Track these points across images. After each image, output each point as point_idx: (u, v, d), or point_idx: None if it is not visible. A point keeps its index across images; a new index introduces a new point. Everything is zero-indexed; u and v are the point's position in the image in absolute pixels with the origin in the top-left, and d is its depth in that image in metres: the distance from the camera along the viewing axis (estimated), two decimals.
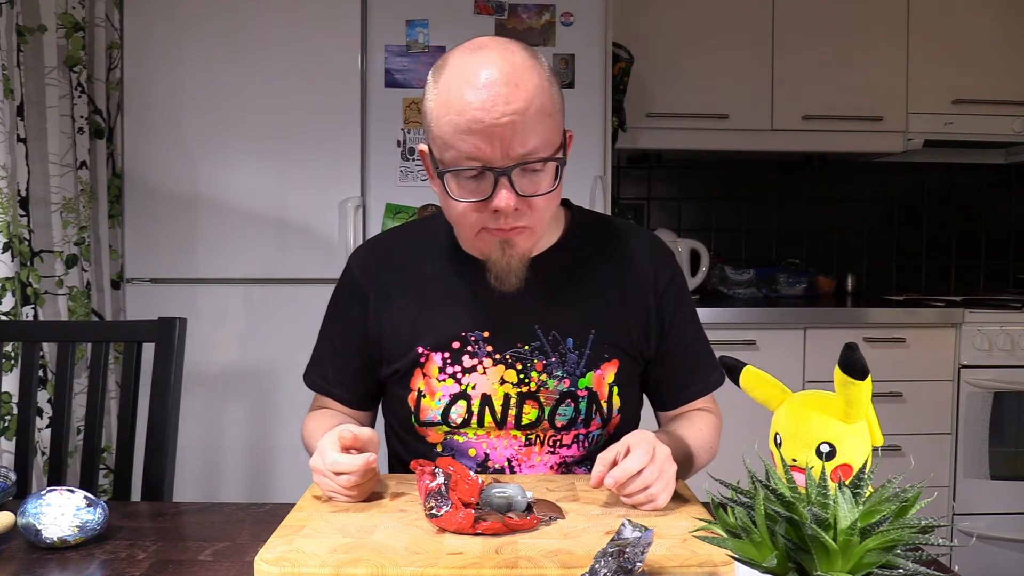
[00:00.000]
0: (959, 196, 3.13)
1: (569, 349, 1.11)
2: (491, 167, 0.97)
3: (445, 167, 1.00)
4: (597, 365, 1.12)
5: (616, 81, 2.47)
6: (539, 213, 1.03)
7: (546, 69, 1.00)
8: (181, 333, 1.39)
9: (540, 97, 0.97)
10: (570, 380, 1.11)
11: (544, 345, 1.11)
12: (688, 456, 1.13)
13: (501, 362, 1.11)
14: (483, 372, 1.11)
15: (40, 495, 0.89)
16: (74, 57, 2.02)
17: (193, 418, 2.18)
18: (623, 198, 3.05)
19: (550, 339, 1.11)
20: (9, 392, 1.69)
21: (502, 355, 1.11)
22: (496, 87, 0.95)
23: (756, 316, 2.48)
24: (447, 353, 1.12)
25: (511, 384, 1.11)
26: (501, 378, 1.11)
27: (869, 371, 0.71)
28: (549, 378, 1.11)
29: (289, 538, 0.83)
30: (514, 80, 0.95)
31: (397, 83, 2.27)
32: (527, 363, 1.10)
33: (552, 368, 1.11)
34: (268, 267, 2.26)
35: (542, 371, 1.11)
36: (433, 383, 1.12)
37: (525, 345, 1.11)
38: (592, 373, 1.12)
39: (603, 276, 1.15)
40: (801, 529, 0.56)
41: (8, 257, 1.71)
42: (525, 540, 0.82)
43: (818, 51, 2.71)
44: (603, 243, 1.17)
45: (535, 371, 1.10)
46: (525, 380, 1.11)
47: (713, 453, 1.21)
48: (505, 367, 1.11)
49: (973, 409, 2.48)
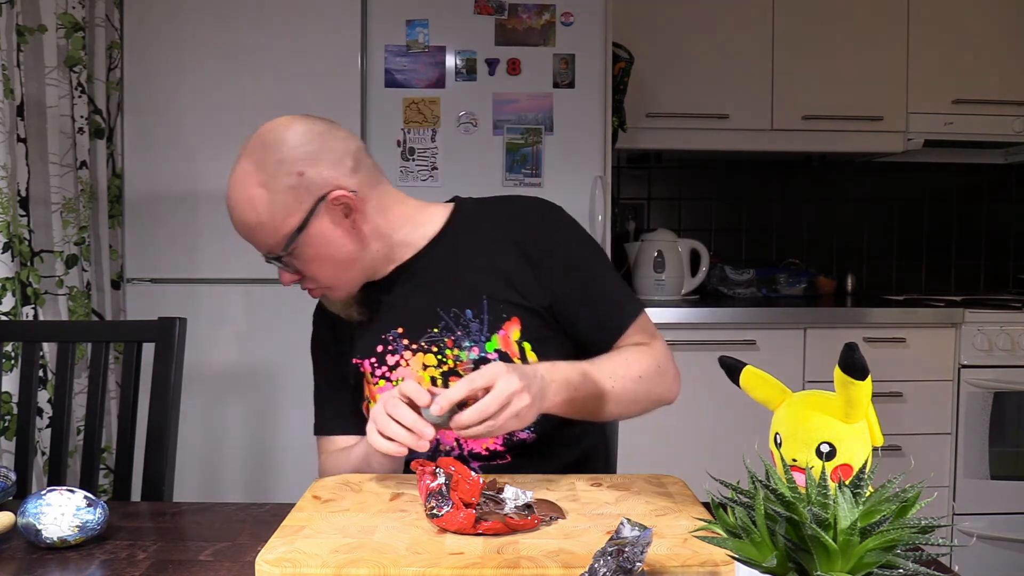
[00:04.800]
0: (959, 196, 3.13)
1: (469, 319, 1.18)
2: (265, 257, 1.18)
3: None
4: (498, 327, 1.17)
5: (616, 81, 2.47)
6: (312, 278, 1.18)
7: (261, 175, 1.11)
8: (181, 333, 1.39)
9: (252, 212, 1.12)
10: (478, 347, 1.17)
11: (448, 323, 1.18)
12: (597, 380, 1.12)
13: (419, 350, 1.19)
14: (406, 364, 1.20)
15: (40, 495, 0.89)
16: (74, 57, 2.02)
17: (193, 418, 2.18)
18: (623, 198, 3.06)
19: (451, 315, 1.18)
20: (9, 392, 1.69)
21: (417, 343, 1.19)
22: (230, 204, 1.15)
23: (756, 316, 2.48)
24: (373, 358, 1.22)
25: (433, 367, 1.19)
26: (423, 364, 1.19)
27: (869, 371, 0.71)
28: (460, 351, 1.18)
29: (290, 538, 0.83)
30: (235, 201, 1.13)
31: (397, 83, 2.27)
32: (440, 344, 1.18)
33: (460, 341, 1.18)
34: (268, 267, 2.24)
35: (453, 346, 1.18)
36: (373, 388, 1.22)
37: (434, 327, 1.19)
38: (496, 336, 1.17)
39: (484, 248, 1.20)
40: (801, 529, 0.56)
41: (8, 257, 1.71)
42: (526, 540, 0.82)
43: (818, 51, 2.71)
44: (482, 220, 1.23)
45: (448, 349, 1.18)
46: (443, 360, 1.18)
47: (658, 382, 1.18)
48: (424, 353, 1.19)
49: (973, 409, 2.48)
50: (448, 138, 2.28)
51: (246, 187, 1.12)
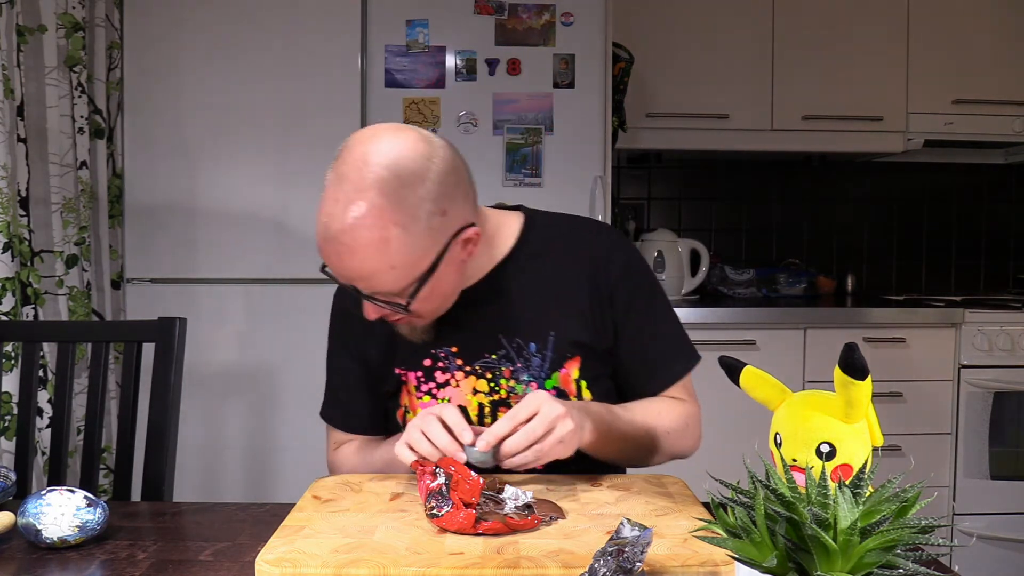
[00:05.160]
0: (959, 196, 3.13)
1: (532, 353, 1.14)
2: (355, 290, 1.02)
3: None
4: (560, 365, 1.14)
5: (616, 81, 2.47)
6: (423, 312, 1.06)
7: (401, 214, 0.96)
8: (181, 333, 1.39)
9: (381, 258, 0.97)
10: (537, 383, 1.14)
11: (509, 352, 1.14)
12: (627, 425, 1.11)
13: (472, 373, 1.14)
14: (456, 385, 1.14)
15: (40, 495, 0.88)
16: (74, 57, 2.02)
17: (193, 418, 2.18)
18: (623, 198, 3.06)
19: (514, 346, 1.14)
20: (9, 392, 1.69)
21: (472, 366, 1.14)
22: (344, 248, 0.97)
23: (756, 316, 2.48)
24: (420, 372, 1.15)
25: (483, 393, 1.14)
26: (473, 388, 1.14)
27: (869, 371, 0.71)
28: (517, 383, 1.13)
29: (290, 539, 0.83)
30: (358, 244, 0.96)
31: (397, 83, 2.27)
32: (496, 371, 1.14)
33: (519, 373, 1.13)
34: (268, 267, 2.26)
35: (510, 377, 1.14)
36: (415, 401, 1.17)
37: (492, 354, 1.14)
38: (557, 373, 1.14)
39: (556, 277, 1.16)
40: (801, 529, 0.56)
41: (8, 257, 1.71)
42: (526, 540, 0.82)
43: (818, 51, 2.71)
44: (556, 244, 1.18)
45: (503, 378, 1.14)
46: (496, 388, 1.14)
47: (682, 438, 1.18)
48: (476, 378, 1.14)
49: (973, 409, 2.48)
50: (448, 138, 2.27)
51: (380, 227, 0.95)
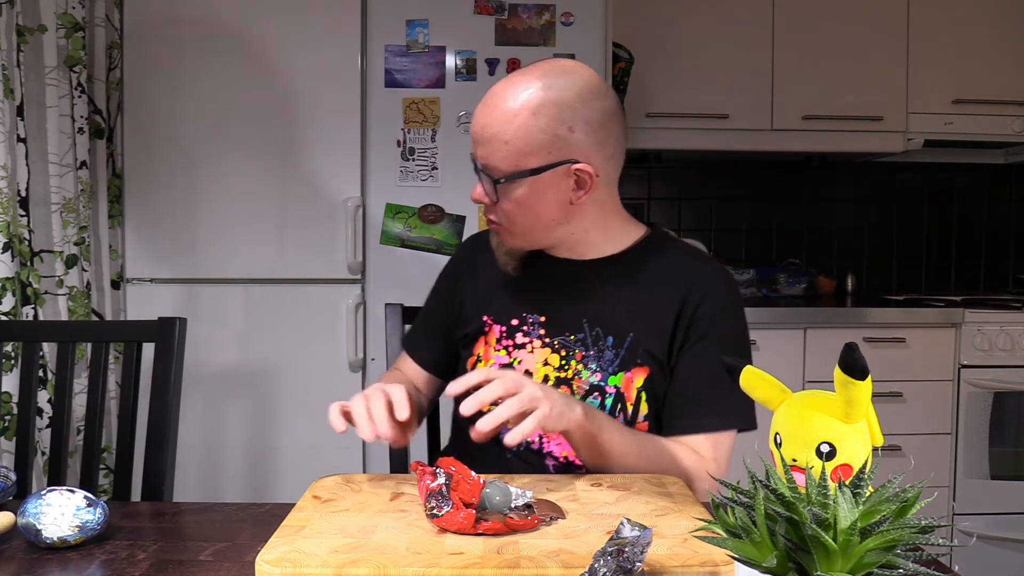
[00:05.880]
0: (959, 196, 3.13)
1: (608, 346, 1.17)
2: (475, 161, 1.16)
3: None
4: (629, 367, 1.16)
5: (616, 81, 2.47)
6: (503, 215, 1.16)
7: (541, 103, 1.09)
8: (181, 333, 1.39)
9: (506, 125, 1.09)
10: (602, 375, 1.17)
11: (587, 338, 1.18)
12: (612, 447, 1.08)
13: (548, 346, 1.20)
14: (531, 351, 1.20)
15: (40, 495, 0.88)
16: (74, 57, 2.02)
17: (193, 418, 2.18)
18: (623, 198, 3.05)
19: (593, 334, 1.18)
20: (9, 392, 1.69)
21: (551, 340, 1.20)
22: (489, 101, 1.12)
23: (756, 316, 2.48)
24: (504, 327, 1.23)
25: (553, 367, 1.18)
26: (545, 360, 1.19)
27: (869, 371, 0.71)
28: (584, 369, 1.17)
29: (290, 538, 0.83)
30: (498, 102, 1.11)
31: (397, 83, 2.27)
32: (570, 351, 1.18)
33: (589, 360, 1.17)
34: (268, 267, 2.27)
35: (580, 361, 1.17)
36: (490, 351, 1.23)
37: (572, 335, 1.19)
38: (623, 374, 1.16)
39: (653, 288, 1.19)
40: (801, 529, 0.56)
41: (8, 257, 1.71)
42: (526, 540, 0.82)
43: (818, 51, 2.71)
44: (666, 260, 1.22)
45: (575, 360, 1.18)
46: (565, 367, 1.18)
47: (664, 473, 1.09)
48: (551, 351, 1.19)
49: (973, 409, 2.48)
50: (448, 138, 2.28)
51: (519, 100, 1.09)
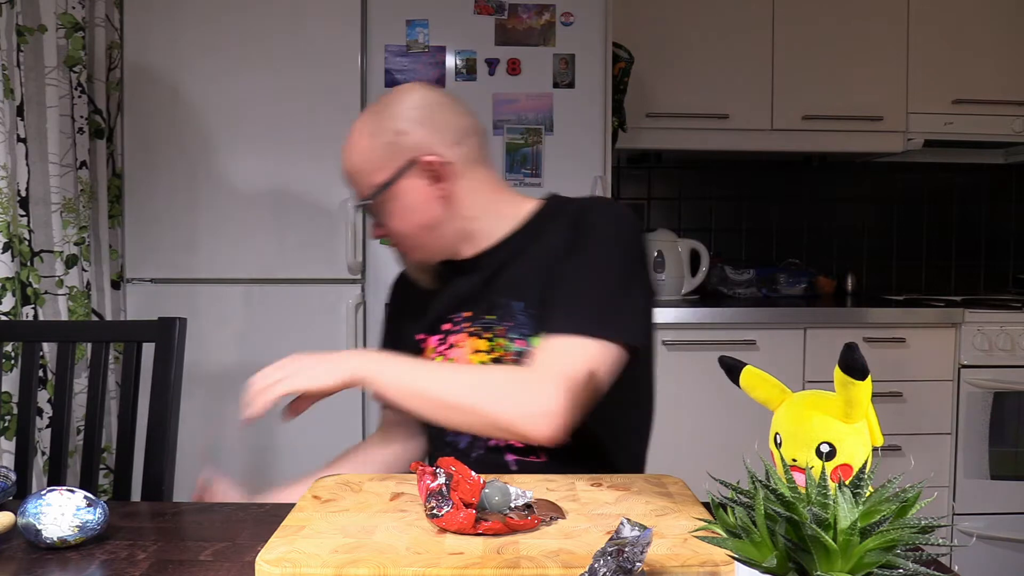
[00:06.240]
0: (959, 196, 3.13)
1: (519, 311, 1.19)
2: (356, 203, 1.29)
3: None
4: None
5: (616, 81, 2.47)
6: (394, 234, 1.24)
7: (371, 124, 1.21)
8: (181, 333, 1.39)
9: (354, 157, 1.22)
10: (524, 341, 1.17)
11: (503, 312, 1.21)
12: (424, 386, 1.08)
13: (475, 334, 1.22)
14: (462, 346, 1.22)
15: (40, 495, 0.88)
16: (74, 57, 2.02)
17: (193, 418, 2.17)
18: (623, 198, 3.06)
19: (506, 305, 1.20)
20: (9, 392, 1.69)
21: (475, 328, 1.22)
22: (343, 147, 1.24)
23: (756, 316, 2.48)
24: (438, 336, 1.25)
25: (483, 352, 1.20)
26: (475, 348, 1.21)
27: (869, 371, 0.71)
28: (508, 341, 1.19)
29: (290, 538, 0.83)
30: (346, 144, 1.23)
31: (397, 83, 2.27)
32: (492, 330, 1.20)
33: (510, 332, 1.19)
34: (268, 267, 2.26)
35: (503, 336, 1.19)
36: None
37: (490, 315, 1.21)
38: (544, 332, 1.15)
39: (550, 241, 1.21)
40: (801, 529, 0.56)
41: (8, 257, 1.71)
42: (526, 540, 0.82)
43: (818, 51, 2.71)
44: (558, 217, 1.25)
45: (500, 337, 1.19)
46: (494, 348, 1.20)
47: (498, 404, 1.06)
48: (478, 338, 1.21)
49: (973, 409, 2.48)
50: None
51: (355, 132, 1.23)
